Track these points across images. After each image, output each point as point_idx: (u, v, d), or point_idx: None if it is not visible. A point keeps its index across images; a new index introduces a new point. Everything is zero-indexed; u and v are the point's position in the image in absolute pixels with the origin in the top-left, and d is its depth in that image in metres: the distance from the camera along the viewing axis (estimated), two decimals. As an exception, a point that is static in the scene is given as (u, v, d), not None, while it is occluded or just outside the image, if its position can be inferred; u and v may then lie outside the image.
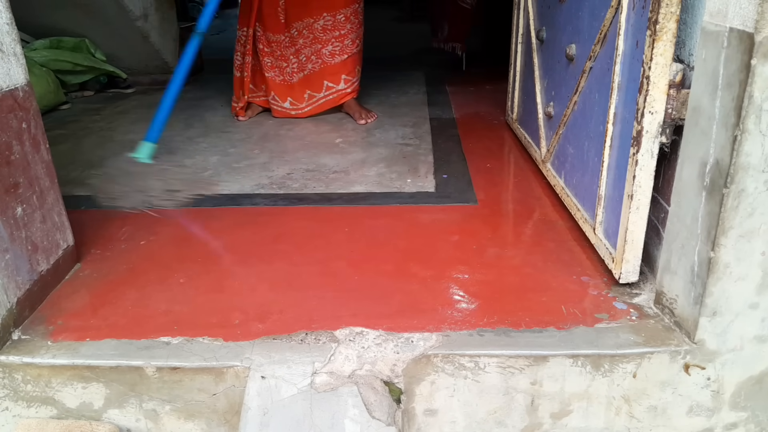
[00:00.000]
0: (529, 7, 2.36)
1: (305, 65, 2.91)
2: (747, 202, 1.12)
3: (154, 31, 3.56)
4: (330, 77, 2.93)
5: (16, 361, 1.29)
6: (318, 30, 2.84)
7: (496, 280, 1.55)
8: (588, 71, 1.71)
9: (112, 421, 1.32)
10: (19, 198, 1.40)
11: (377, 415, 1.22)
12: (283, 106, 2.99)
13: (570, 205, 1.85)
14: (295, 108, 2.99)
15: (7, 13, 1.37)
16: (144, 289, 1.54)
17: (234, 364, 1.27)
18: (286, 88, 2.95)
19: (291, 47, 2.88)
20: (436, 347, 1.29)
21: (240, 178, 2.28)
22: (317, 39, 2.85)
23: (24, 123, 1.42)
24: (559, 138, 1.98)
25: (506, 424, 1.32)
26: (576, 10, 1.84)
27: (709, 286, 1.19)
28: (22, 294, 1.40)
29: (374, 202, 2.05)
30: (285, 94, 2.96)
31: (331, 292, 1.51)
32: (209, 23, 2.52)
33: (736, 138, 1.08)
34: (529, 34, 2.38)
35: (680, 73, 1.27)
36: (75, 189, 2.18)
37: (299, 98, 2.97)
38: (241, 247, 1.75)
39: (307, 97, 2.98)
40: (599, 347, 1.27)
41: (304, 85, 2.95)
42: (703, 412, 1.32)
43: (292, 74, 2.92)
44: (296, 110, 3.00)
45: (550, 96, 2.12)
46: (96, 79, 3.67)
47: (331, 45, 2.86)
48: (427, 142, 2.68)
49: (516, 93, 2.64)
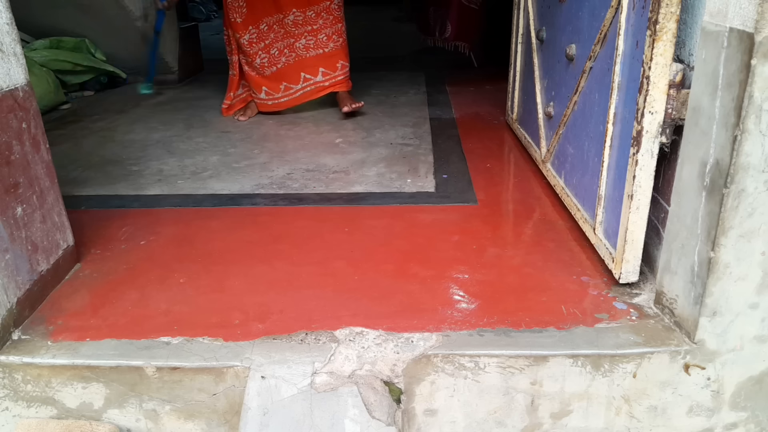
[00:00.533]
0: (529, 7, 2.36)
1: (278, 58, 2.99)
2: (747, 202, 1.12)
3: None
4: (307, 69, 3.02)
5: (16, 361, 1.29)
6: (289, 25, 2.96)
7: (496, 280, 1.55)
8: (588, 71, 1.71)
9: (112, 421, 1.32)
10: (19, 198, 1.40)
11: (377, 415, 1.22)
12: (259, 96, 3.06)
13: (570, 205, 1.85)
14: (271, 98, 3.05)
15: (7, 13, 1.37)
16: (144, 289, 1.54)
17: (234, 364, 1.27)
18: (261, 79, 3.03)
19: (260, 42, 2.97)
20: (436, 347, 1.29)
21: (240, 178, 2.28)
22: (289, 33, 2.96)
23: (24, 123, 1.42)
24: (559, 138, 1.98)
25: (506, 424, 1.32)
26: (576, 10, 1.84)
27: (709, 286, 1.19)
28: (22, 294, 1.40)
29: (374, 202, 2.05)
30: (259, 85, 3.03)
31: (331, 292, 1.51)
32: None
33: (736, 138, 1.08)
34: (529, 34, 2.38)
35: (680, 73, 1.27)
36: (75, 189, 2.18)
37: (274, 88, 3.04)
38: (241, 247, 1.75)
39: (283, 88, 3.05)
40: (599, 347, 1.27)
41: (279, 77, 3.02)
42: (703, 412, 1.32)
43: (262, 68, 2.99)
44: (273, 100, 3.06)
45: (550, 96, 2.12)
46: (96, 79, 3.67)
47: (304, 39, 2.98)
48: (427, 142, 2.68)
49: (516, 93, 2.64)
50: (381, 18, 7.30)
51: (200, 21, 7.21)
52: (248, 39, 2.93)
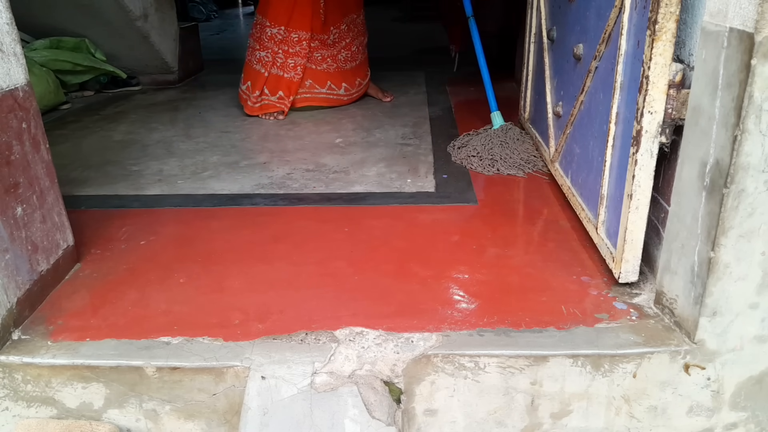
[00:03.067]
0: (541, 7, 2.36)
1: (357, 55, 3.26)
2: (747, 202, 1.12)
3: (154, 31, 3.56)
4: (365, 68, 3.34)
5: (16, 361, 1.29)
6: (360, 25, 3.21)
7: (496, 280, 1.55)
8: (594, 71, 1.71)
9: (112, 421, 1.32)
10: (19, 198, 1.40)
11: (377, 415, 1.22)
12: (338, 93, 3.21)
13: (575, 205, 1.85)
14: (348, 94, 3.26)
15: (7, 13, 1.37)
16: (144, 289, 1.54)
17: (234, 364, 1.27)
18: (342, 74, 3.20)
19: (341, 41, 3.17)
20: (436, 347, 1.29)
21: (240, 178, 2.28)
22: (361, 32, 3.24)
23: (24, 123, 1.42)
24: (566, 137, 1.98)
25: (506, 424, 1.32)
26: (584, 10, 1.84)
27: (709, 286, 1.19)
28: (22, 294, 1.40)
29: (374, 202, 2.05)
30: (339, 81, 3.19)
31: (331, 292, 1.51)
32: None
33: (736, 138, 1.08)
34: (541, 34, 2.38)
35: (680, 73, 1.27)
36: (75, 189, 2.18)
37: (352, 84, 3.23)
38: (241, 247, 1.75)
39: (357, 84, 3.30)
40: (599, 347, 1.27)
41: (355, 73, 3.27)
42: (703, 412, 1.32)
43: (347, 62, 3.20)
44: (348, 96, 3.27)
45: (559, 95, 2.12)
46: (96, 79, 3.67)
47: (358, 40, 3.25)
48: (427, 142, 2.68)
49: (528, 93, 2.64)
50: (381, 18, 7.30)
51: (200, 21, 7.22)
52: (333, 38, 3.09)
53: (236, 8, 10.19)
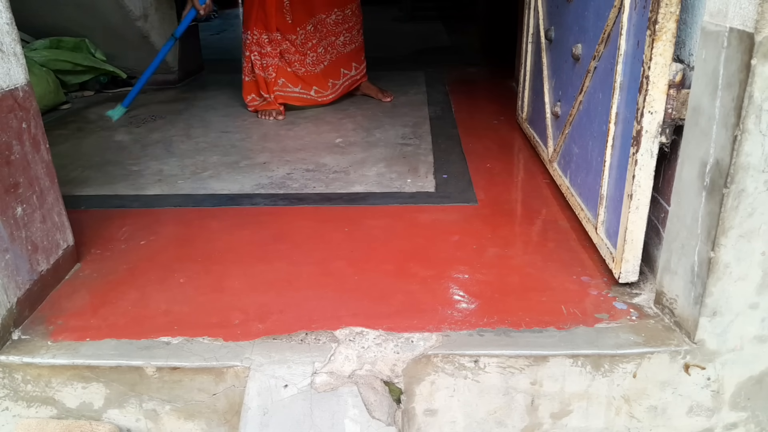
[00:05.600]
0: (539, 7, 2.36)
1: (324, 56, 3.22)
2: (747, 202, 1.12)
3: (154, 31, 3.56)
4: (344, 65, 3.30)
5: (16, 361, 1.29)
6: (330, 24, 3.20)
7: (496, 280, 1.55)
8: (593, 71, 1.71)
9: (112, 421, 1.32)
10: (19, 198, 1.40)
11: (377, 415, 1.22)
12: (309, 95, 3.22)
13: (574, 205, 1.85)
14: (321, 95, 3.24)
15: (7, 13, 1.37)
16: (144, 289, 1.54)
17: (234, 364, 1.27)
18: (311, 77, 3.19)
19: (307, 42, 3.15)
20: (436, 347, 1.29)
21: (240, 178, 2.28)
22: (330, 32, 3.21)
23: (24, 123, 1.42)
24: (565, 138, 1.98)
25: (506, 424, 1.32)
26: (582, 10, 1.84)
27: (709, 286, 1.19)
28: (22, 294, 1.40)
29: (374, 202, 2.05)
30: (309, 85, 3.20)
31: (330, 292, 1.51)
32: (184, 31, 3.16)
33: (736, 138, 1.08)
34: (538, 34, 2.38)
35: (680, 73, 1.27)
36: (75, 189, 2.18)
37: (324, 86, 3.25)
38: (241, 247, 1.75)
39: (331, 85, 3.28)
40: (599, 347, 1.27)
41: (326, 74, 3.25)
42: (703, 412, 1.32)
43: (314, 65, 3.18)
44: (322, 97, 3.24)
45: (557, 95, 2.12)
46: (96, 79, 3.67)
47: (342, 36, 3.25)
48: (427, 142, 2.68)
49: (526, 93, 2.64)
50: (381, 18, 7.30)
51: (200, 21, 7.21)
52: (300, 39, 3.11)
53: (236, 8, 10.19)
